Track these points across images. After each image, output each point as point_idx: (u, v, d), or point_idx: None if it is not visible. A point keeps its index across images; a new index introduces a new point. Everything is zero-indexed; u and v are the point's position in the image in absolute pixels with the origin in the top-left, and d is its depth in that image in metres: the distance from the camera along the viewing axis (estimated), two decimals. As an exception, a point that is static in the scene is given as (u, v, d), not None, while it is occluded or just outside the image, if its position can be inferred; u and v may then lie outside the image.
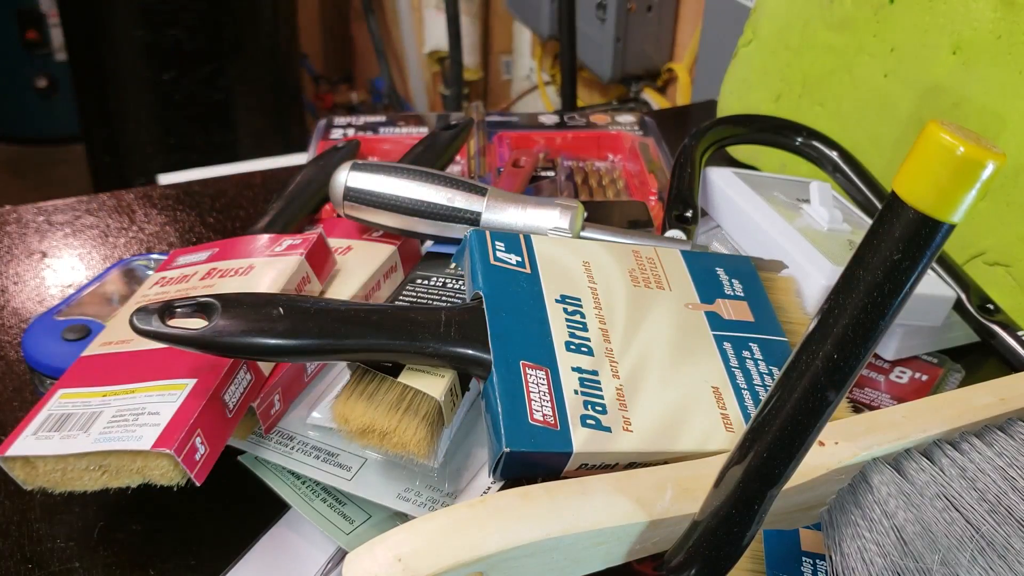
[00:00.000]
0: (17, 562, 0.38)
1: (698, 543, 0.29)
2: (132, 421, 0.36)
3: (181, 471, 0.35)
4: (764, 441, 0.27)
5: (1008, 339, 0.48)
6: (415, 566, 0.27)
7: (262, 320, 0.35)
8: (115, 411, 0.37)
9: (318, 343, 0.35)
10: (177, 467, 0.35)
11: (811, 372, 0.25)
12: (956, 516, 0.29)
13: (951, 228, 0.23)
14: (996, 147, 0.22)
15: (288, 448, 0.40)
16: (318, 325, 0.35)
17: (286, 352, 0.35)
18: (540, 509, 0.29)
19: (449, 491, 0.38)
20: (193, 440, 0.35)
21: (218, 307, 0.35)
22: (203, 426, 0.36)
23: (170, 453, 0.34)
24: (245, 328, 0.34)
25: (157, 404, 0.36)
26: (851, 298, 0.24)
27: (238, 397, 0.38)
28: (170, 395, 0.37)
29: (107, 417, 0.37)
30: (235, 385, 0.38)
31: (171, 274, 0.45)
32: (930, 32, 0.53)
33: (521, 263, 0.40)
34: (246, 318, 0.35)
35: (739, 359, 0.39)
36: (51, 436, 0.36)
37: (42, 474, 0.37)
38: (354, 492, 0.38)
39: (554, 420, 0.34)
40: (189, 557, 0.38)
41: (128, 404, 0.37)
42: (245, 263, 0.44)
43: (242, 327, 0.34)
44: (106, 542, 0.39)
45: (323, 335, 0.35)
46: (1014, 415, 0.34)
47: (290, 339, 0.35)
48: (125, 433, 0.35)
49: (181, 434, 0.35)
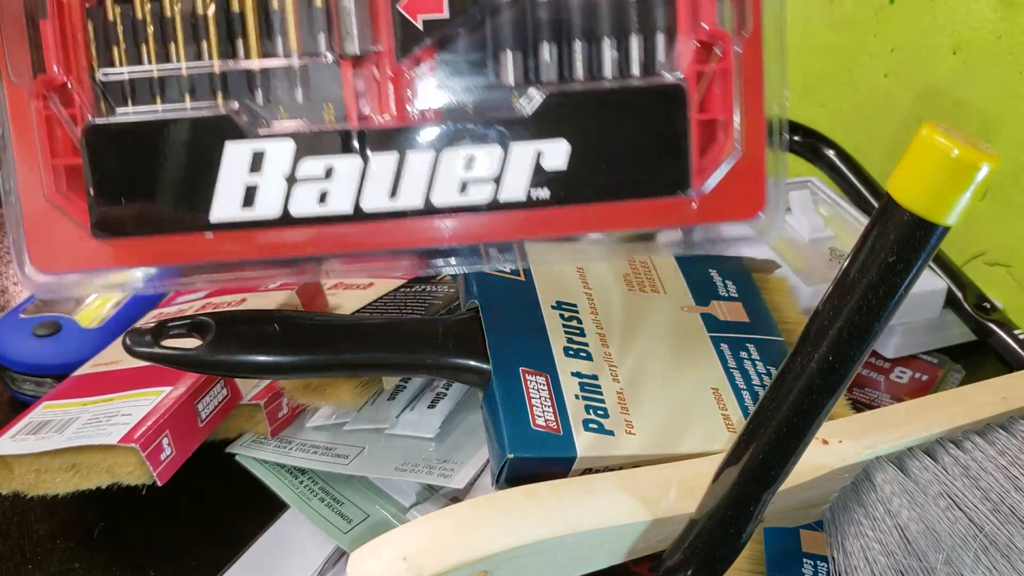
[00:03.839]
0: (17, 562, 0.38)
1: (694, 543, 0.29)
2: (105, 422, 0.37)
3: (148, 470, 0.36)
4: (760, 443, 0.27)
5: (1005, 338, 0.48)
6: (420, 565, 0.27)
7: (258, 337, 0.35)
8: (91, 415, 0.38)
9: (314, 359, 0.35)
10: (144, 465, 0.36)
11: (806, 374, 0.25)
12: (959, 515, 0.29)
13: (946, 230, 0.23)
14: (991, 149, 0.22)
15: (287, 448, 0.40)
16: (314, 341, 0.35)
17: (283, 369, 0.35)
18: (545, 508, 0.29)
19: (445, 459, 0.38)
20: (160, 440, 0.36)
21: (213, 325, 0.35)
22: (172, 428, 0.37)
23: (135, 448, 0.35)
24: (240, 346, 0.34)
25: (131, 407, 0.37)
26: (846, 300, 0.24)
27: (211, 409, 0.39)
28: (144, 400, 0.38)
29: (83, 420, 0.38)
30: (210, 397, 0.39)
31: (169, 309, 0.46)
32: (930, 32, 0.54)
33: (515, 271, 0.40)
34: (241, 336, 0.35)
35: (737, 360, 0.39)
36: (27, 439, 0.37)
37: (17, 476, 0.37)
38: (353, 473, 0.38)
39: (556, 425, 0.34)
40: (189, 557, 0.38)
41: (105, 409, 0.38)
42: (238, 297, 0.44)
43: (237, 345, 0.34)
44: (106, 542, 0.39)
45: (320, 351, 0.35)
46: (1016, 413, 0.34)
47: (286, 356, 0.35)
48: (96, 431, 0.36)
49: (148, 432, 0.36)
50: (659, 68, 0.34)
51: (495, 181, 0.33)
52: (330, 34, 0.33)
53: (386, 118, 0.33)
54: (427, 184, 0.33)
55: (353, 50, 0.33)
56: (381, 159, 0.32)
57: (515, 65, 0.33)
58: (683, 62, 0.34)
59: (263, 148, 0.32)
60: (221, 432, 0.41)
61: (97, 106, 0.33)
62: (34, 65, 0.32)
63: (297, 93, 0.33)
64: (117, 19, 0.33)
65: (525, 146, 0.33)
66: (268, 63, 0.33)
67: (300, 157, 0.32)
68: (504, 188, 0.33)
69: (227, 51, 0.33)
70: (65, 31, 0.32)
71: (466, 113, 0.33)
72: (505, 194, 0.33)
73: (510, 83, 0.33)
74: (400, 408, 0.41)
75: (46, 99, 0.32)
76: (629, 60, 0.34)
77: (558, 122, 0.33)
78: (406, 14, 0.32)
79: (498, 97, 0.33)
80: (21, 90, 0.32)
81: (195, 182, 0.32)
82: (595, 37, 0.33)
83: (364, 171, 0.32)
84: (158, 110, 0.33)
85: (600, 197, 0.33)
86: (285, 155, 0.32)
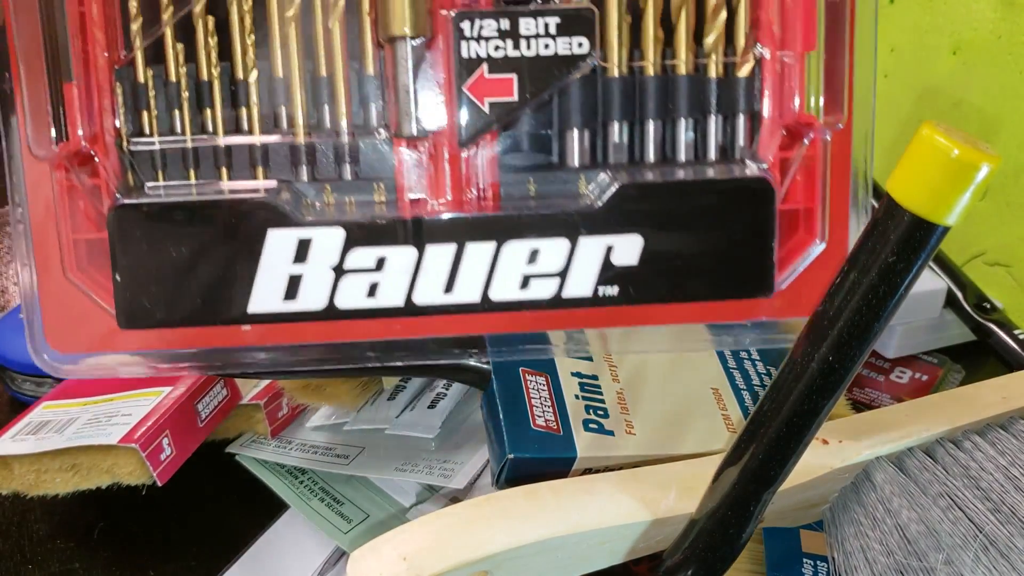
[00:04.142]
0: (17, 562, 0.38)
1: (694, 543, 0.29)
2: (105, 422, 0.37)
3: (148, 470, 0.36)
4: (760, 443, 0.27)
5: (1005, 338, 0.48)
6: (420, 565, 0.27)
7: None
8: (91, 415, 0.38)
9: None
10: (144, 465, 0.36)
11: (806, 374, 0.25)
12: (959, 515, 0.29)
13: (946, 230, 0.23)
14: (991, 149, 0.22)
15: (287, 448, 0.40)
16: None
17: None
18: (546, 508, 0.29)
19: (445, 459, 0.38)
20: (160, 440, 0.36)
21: None
22: (172, 428, 0.37)
23: (135, 448, 0.35)
24: None
25: (131, 407, 0.37)
26: (846, 300, 0.24)
27: (211, 409, 0.39)
28: (145, 400, 0.38)
29: (83, 420, 0.38)
30: (210, 397, 0.39)
31: None
32: (930, 32, 0.54)
33: None
34: None
35: (736, 360, 0.39)
36: (27, 439, 0.37)
37: (17, 476, 0.37)
38: (353, 473, 0.38)
39: (556, 425, 0.34)
40: (189, 557, 0.38)
41: (104, 409, 0.38)
42: None
43: None
44: (106, 542, 0.39)
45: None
46: (1016, 413, 0.34)
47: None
48: (96, 431, 0.36)
49: (148, 432, 0.36)
50: (740, 153, 0.31)
51: (560, 276, 0.30)
52: (384, 108, 0.30)
53: (441, 202, 0.31)
54: (486, 278, 0.30)
55: (411, 131, 0.30)
56: (437, 251, 0.30)
57: (581, 146, 0.31)
58: (769, 150, 0.31)
59: (310, 236, 0.29)
60: (221, 432, 0.41)
61: (124, 177, 0.30)
62: (57, 132, 0.29)
63: (345, 170, 0.31)
64: (149, 81, 0.30)
65: (595, 240, 0.30)
66: (315, 137, 0.30)
67: (350, 247, 0.29)
68: (569, 284, 0.30)
69: (269, 121, 0.30)
70: (92, 95, 0.30)
71: (528, 199, 0.30)
72: (570, 290, 0.30)
73: (575, 165, 0.31)
74: (400, 408, 0.41)
75: (68, 170, 0.30)
76: (707, 143, 0.31)
77: (631, 215, 0.30)
78: (472, 96, 0.29)
79: (563, 180, 0.31)
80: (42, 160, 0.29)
81: (234, 271, 0.30)
82: (671, 117, 0.31)
83: (419, 263, 0.30)
84: (192, 186, 0.30)
85: (673, 297, 0.31)
86: (334, 244, 0.29)
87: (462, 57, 0.29)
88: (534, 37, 0.29)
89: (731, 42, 0.31)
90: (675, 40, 0.31)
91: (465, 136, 0.30)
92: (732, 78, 0.31)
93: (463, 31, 0.29)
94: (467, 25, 0.28)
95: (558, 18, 0.29)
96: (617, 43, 0.30)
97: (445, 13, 0.29)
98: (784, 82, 0.31)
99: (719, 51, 0.31)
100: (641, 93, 0.30)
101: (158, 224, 0.29)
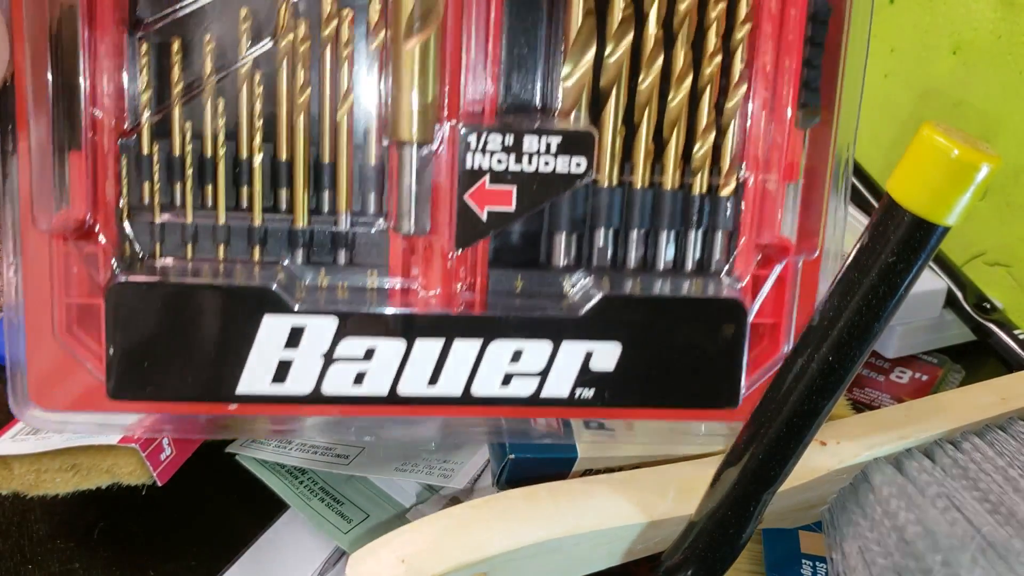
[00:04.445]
0: (17, 562, 0.38)
1: (694, 544, 0.29)
2: None
3: (148, 470, 0.36)
4: (760, 443, 0.27)
5: (1005, 338, 0.48)
6: (419, 567, 0.27)
7: None
8: None
9: None
10: (144, 465, 0.35)
11: (806, 375, 0.25)
12: (958, 516, 0.29)
13: (946, 230, 0.23)
14: (991, 149, 0.22)
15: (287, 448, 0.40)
16: None
17: None
18: (544, 510, 0.29)
19: (445, 459, 0.38)
20: (160, 440, 0.36)
21: None
22: None
23: (135, 448, 0.35)
24: None
25: None
26: (846, 300, 0.24)
27: None
28: None
29: None
30: None
31: None
32: (930, 32, 0.54)
33: None
34: None
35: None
36: (27, 439, 0.37)
37: (16, 476, 0.37)
38: (353, 473, 0.38)
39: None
40: (189, 557, 0.38)
41: None
42: None
43: None
44: (106, 542, 0.39)
45: None
46: (1015, 414, 0.34)
47: None
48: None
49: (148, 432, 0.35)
50: (716, 267, 0.33)
51: (541, 376, 0.32)
52: (382, 198, 0.32)
53: (432, 294, 0.32)
54: (470, 374, 0.31)
55: (409, 230, 0.31)
56: (426, 345, 0.31)
57: (567, 248, 0.32)
58: (744, 269, 0.33)
59: (303, 324, 0.30)
60: (221, 432, 0.41)
61: (121, 247, 0.31)
62: (56, 200, 0.29)
63: (341, 255, 0.32)
64: (153, 154, 0.30)
65: (576, 345, 0.31)
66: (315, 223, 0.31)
67: (341, 336, 0.30)
68: (549, 384, 0.32)
69: (269, 201, 0.31)
70: (96, 165, 0.30)
71: (515, 295, 0.32)
72: (549, 390, 0.32)
73: (560, 265, 0.32)
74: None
75: (67, 238, 0.30)
76: (686, 254, 0.33)
77: (612, 324, 0.31)
78: (472, 204, 0.30)
79: (548, 281, 0.32)
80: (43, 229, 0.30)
81: (226, 353, 0.30)
82: (654, 227, 0.32)
83: (406, 355, 0.31)
84: (188, 263, 0.31)
85: (645, 403, 0.33)
86: (326, 333, 0.30)
87: (466, 168, 0.30)
88: (536, 154, 0.30)
89: (718, 162, 0.32)
90: (664, 156, 0.32)
91: (461, 241, 0.31)
92: (716, 197, 0.32)
93: (469, 144, 0.30)
94: (474, 138, 0.30)
95: (560, 138, 0.30)
96: (610, 158, 0.32)
97: (454, 124, 0.30)
98: (764, 206, 0.32)
99: (705, 170, 0.32)
100: (628, 204, 0.32)
101: (155, 304, 0.30)
